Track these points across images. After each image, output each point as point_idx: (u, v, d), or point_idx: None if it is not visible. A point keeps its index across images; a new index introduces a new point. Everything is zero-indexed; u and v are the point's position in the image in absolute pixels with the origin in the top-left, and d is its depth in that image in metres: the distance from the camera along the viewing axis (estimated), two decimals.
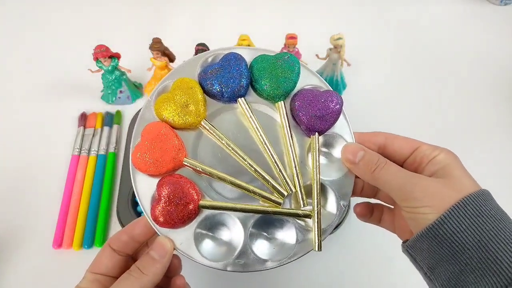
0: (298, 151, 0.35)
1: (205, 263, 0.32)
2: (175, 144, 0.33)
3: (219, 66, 0.35)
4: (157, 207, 0.32)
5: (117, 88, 0.62)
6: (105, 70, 0.59)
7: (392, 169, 0.31)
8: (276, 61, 0.35)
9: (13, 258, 0.51)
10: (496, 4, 0.79)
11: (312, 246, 0.33)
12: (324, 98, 0.35)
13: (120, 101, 0.63)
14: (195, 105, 0.34)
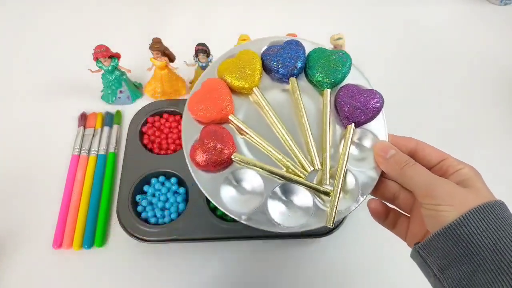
0: (332, 138, 0.38)
1: (224, 208, 0.35)
2: (226, 99, 0.37)
3: (281, 47, 0.40)
4: (197, 146, 0.36)
5: (117, 88, 0.62)
6: (105, 70, 0.59)
7: (420, 168, 0.33)
8: (331, 54, 0.40)
9: (13, 258, 0.51)
10: (496, 4, 0.79)
11: (325, 222, 0.35)
12: (367, 94, 0.38)
13: (120, 101, 0.63)
14: (251, 72, 0.38)
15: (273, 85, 0.40)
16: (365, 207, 0.56)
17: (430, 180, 0.32)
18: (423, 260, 0.31)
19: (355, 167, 0.37)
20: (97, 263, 0.51)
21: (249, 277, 0.50)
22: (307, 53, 0.40)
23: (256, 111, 0.39)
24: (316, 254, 0.52)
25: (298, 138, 0.38)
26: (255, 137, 0.37)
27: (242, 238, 0.51)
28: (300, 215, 0.36)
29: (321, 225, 0.35)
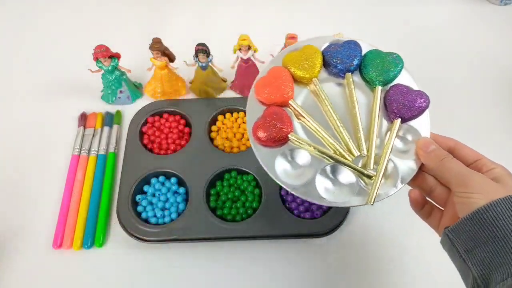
0: (378, 130, 0.42)
1: (277, 179, 0.40)
2: (288, 86, 0.43)
3: (341, 45, 0.45)
4: (259, 123, 0.41)
5: (117, 88, 0.62)
6: (105, 70, 0.59)
7: (457, 162, 0.37)
8: (386, 56, 0.44)
9: (13, 258, 0.51)
10: (496, 4, 0.79)
11: (366, 201, 0.40)
12: (415, 94, 0.42)
13: (120, 101, 0.63)
14: (312, 64, 0.43)
15: (330, 78, 0.45)
16: (367, 208, 0.56)
17: (465, 172, 0.36)
18: (451, 242, 0.34)
19: (397, 157, 0.41)
20: (97, 263, 0.51)
21: (249, 277, 0.50)
22: (363, 53, 0.45)
23: (312, 99, 0.44)
24: (316, 254, 0.52)
25: (348, 127, 0.42)
26: (310, 121, 0.42)
27: (242, 238, 0.51)
28: (344, 193, 0.40)
29: (361, 203, 0.39)
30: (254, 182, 0.54)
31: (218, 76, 0.63)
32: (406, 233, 0.53)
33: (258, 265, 0.51)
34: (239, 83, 0.64)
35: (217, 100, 0.63)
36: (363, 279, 0.50)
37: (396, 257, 0.52)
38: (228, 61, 0.61)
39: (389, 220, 0.54)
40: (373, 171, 0.40)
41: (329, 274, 0.50)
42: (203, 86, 0.62)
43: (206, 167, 0.55)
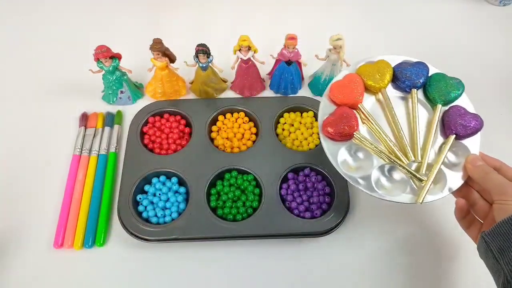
0: (434, 142, 0.48)
1: (340, 170, 0.47)
2: (359, 92, 0.50)
3: (412, 64, 0.52)
4: (330, 119, 0.48)
5: (118, 89, 0.62)
6: (106, 70, 0.59)
7: (499, 175, 0.43)
8: (449, 80, 0.51)
9: (14, 258, 0.51)
10: (495, 4, 0.80)
11: (415, 200, 0.45)
12: (472, 116, 0.49)
13: (121, 102, 0.64)
14: (382, 77, 0.51)
15: (395, 91, 0.52)
16: (367, 208, 0.56)
17: (505, 183, 0.41)
18: (487, 245, 0.38)
19: (447, 168, 0.47)
20: (98, 262, 0.51)
21: (249, 277, 0.50)
22: (430, 74, 0.52)
23: (377, 107, 0.51)
24: (315, 253, 0.52)
25: (405, 135, 0.48)
26: (374, 124, 0.49)
27: (242, 237, 0.51)
28: (395, 190, 0.47)
29: (411, 202, 0.46)
30: (254, 182, 0.55)
31: (218, 76, 0.63)
32: (406, 232, 0.54)
33: (258, 264, 0.51)
34: (239, 84, 0.64)
35: (217, 100, 0.63)
36: (363, 279, 0.51)
37: (397, 256, 0.52)
38: (228, 61, 0.61)
39: (389, 220, 0.54)
40: (424, 176, 0.46)
41: (329, 273, 0.51)
42: (203, 87, 0.62)
43: (207, 167, 0.55)
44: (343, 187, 0.53)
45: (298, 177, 0.55)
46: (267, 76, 0.67)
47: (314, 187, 0.54)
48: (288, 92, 0.64)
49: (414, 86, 0.51)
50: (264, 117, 0.60)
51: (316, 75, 0.65)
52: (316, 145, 0.59)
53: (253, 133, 0.60)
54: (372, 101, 0.52)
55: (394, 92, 0.52)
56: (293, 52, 0.59)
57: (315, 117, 0.61)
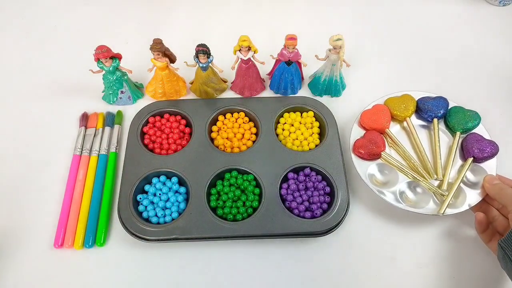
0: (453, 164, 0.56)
1: (368, 183, 0.53)
2: (386, 119, 0.58)
3: (433, 98, 0.60)
4: (360, 140, 0.56)
5: (118, 89, 0.62)
6: (106, 70, 0.60)
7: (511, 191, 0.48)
8: (467, 112, 0.59)
9: (14, 257, 0.51)
10: (495, 4, 0.80)
11: (437, 212, 0.51)
12: (488, 142, 0.56)
13: (121, 102, 0.64)
14: (406, 107, 0.59)
15: (419, 121, 0.61)
16: (367, 208, 0.56)
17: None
18: (504, 251, 0.42)
19: (467, 186, 0.53)
20: (99, 262, 0.51)
21: (249, 276, 0.50)
22: (450, 106, 0.60)
23: (403, 133, 0.60)
24: (316, 253, 0.52)
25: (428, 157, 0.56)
26: (399, 146, 0.57)
27: (242, 237, 0.51)
28: (419, 202, 0.52)
29: (433, 213, 0.51)
30: (255, 182, 0.55)
31: (218, 76, 0.63)
32: (406, 232, 0.54)
33: (258, 264, 0.51)
34: (239, 84, 0.64)
35: (217, 101, 0.63)
36: (363, 278, 0.51)
37: (397, 256, 0.52)
38: (228, 61, 0.61)
39: (389, 220, 0.54)
40: (445, 191, 0.53)
41: (329, 273, 0.51)
42: (203, 87, 0.62)
43: (207, 167, 0.55)
44: (343, 187, 0.53)
45: (298, 177, 0.55)
46: (267, 76, 0.67)
47: (314, 187, 0.54)
48: (288, 92, 0.64)
49: (435, 116, 0.59)
50: (264, 117, 0.60)
51: (316, 75, 0.65)
52: (316, 145, 0.59)
53: (253, 133, 0.60)
54: (398, 128, 0.60)
55: (418, 121, 0.60)
56: (293, 52, 0.59)
57: (315, 117, 0.62)
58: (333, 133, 0.58)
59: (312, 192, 0.54)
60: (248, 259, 0.52)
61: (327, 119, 0.60)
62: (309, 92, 0.67)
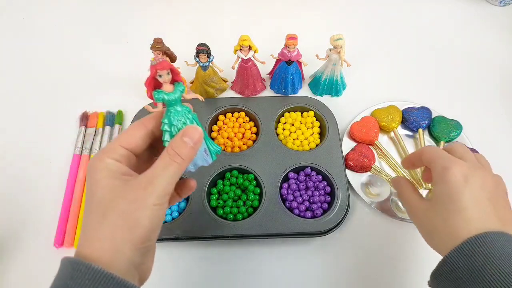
0: None
1: (362, 196, 0.55)
2: (375, 131, 0.60)
3: (417, 109, 0.62)
4: (351, 153, 0.58)
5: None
6: (171, 99, 0.34)
7: (407, 195, 0.43)
8: (449, 121, 0.61)
9: (14, 257, 0.51)
10: (495, 4, 0.80)
11: None
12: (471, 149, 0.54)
13: (198, 161, 0.39)
14: (393, 118, 0.61)
15: (404, 131, 0.62)
16: (367, 207, 0.56)
17: None
18: None
19: None
20: None
21: (249, 276, 0.50)
22: (433, 116, 0.62)
23: (391, 144, 0.61)
24: (316, 253, 0.52)
25: None
26: (389, 157, 0.59)
27: (242, 237, 0.51)
28: None
29: None
30: (255, 181, 0.55)
31: (218, 76, 0.63)
32: (406, 232, 0.54)
33: (258, 263, 0.51)
34: (239, 83, 0.64)
35: (218, 100, 0.63)
36: (364, 278, 0.51)
37: (395, 255, 0.52)
38: (229, 61, 0.61)
39: (389, 220, 0.54)
40: None
41: (330, 273, 0.51)
42: (204, 86, 0.62)
43: (207, 166, 0.55)
44: (343, 187, 0.53)
45: (298, 177, 0.55)
46: (268, 76, 0.67)
47: (314, 186, 0.54)
48: (288, 92, 0.64)
49: (419, 126, 0.60)
50: (265, 116, 0.60)
51: (316, 75, 0.65)
52: (316, 144, 0.59)
53: (254, 133, 0.60)
54: (386, 139, 0.61)
55: (404, 131, 0.62)
56: (293, 52, 0.59)
57: (315, 117, 0.62)
58: (334, 133, 0.58)
59: (312, 192, 0.54)
60: (248, 258, 0.52)
61: (327, 119, 0.60)
62: (310, 92, 0.67)
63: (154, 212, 0.30)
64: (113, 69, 0.69)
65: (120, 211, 0.29)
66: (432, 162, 0.39)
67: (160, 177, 0.30)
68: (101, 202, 0.30)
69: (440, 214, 0.37)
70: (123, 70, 0.68)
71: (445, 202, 0.36)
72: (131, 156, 0.33)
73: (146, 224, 0.30)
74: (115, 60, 0.70)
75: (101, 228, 0.29)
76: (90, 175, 0.31)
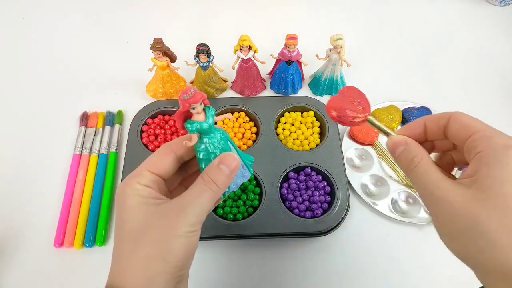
0: None
1: (362, 196, 0.55)
2: (375, 131, 0.58)
3: (417, 109, 0.62)
4: (337, 97, 0.33)
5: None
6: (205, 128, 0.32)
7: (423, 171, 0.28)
8: None
9: (14, 257, 0.51)
10: (496, 4, 0.80)
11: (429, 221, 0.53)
12: None
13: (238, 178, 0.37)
14: (393, 118, 0.61)
15: None
16: (367, 207, 0.56)
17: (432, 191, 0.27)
18: None
19: None
20: (98, 262, 0.51)
21: (249, 276, 0.50)
22: None
23: None
24: (316, 253, 0.52)
25: None
26: (389, 157, 0.58)
27: (242, 237, 0.51)
28: (410, 212, 0.54)
29: (424, 222, 0.53)
30: (255, 181, 0.55)
31: (218, 76, 0.63)
32: (406, 232, 0.54)
33: (259, 263, 0.51)
34: (239, 83, 0.64)
35: (218, 100, 0.63)
36: (364, 278, 0.51)
37: (397, 256, 0.52)
38: (229, 61, 0.61)
39: (389, 220, 0.54)
40: None
41: (330, 273, 0.51)
42: (204, 86, 0.62)
43: None
44: (343, 187, 0.53)
45: (298, 177, 0.55)
46: (268, 76, 0.67)
47: (314, 186, 0.54)
48: (288, 92, 0.64)
49: None
50: (265, 116, 0.60)
51: (316, 74, 0.65)
52: (316, 144, 0.59)
53: (254, 133, 0.60)
54: (386, 139, 0.54)
55: None
56: (293, 52, 0.59)
57: (315, 117, 0.61)
58: (334, 133, 0.58)
59: (312, 192, 0.54)
60: (248, 259, 0.51)
61: (327, 118, 0.60)
62: (310, 92, 0.67)
63: (188, 240, 0.29)
64: (113, 69, 0.69)
65: (153, 240, 0.28)
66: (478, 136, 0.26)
67: (194, 204, 0.29)
68: (132, 229, 0.29)
69: (497, 213, 0.24)
70: (123, 70, 0.69)
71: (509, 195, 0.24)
72: (160, 181, 0.32)
73: (180, 254, 0.28)
74: (115, 60, 0.70)
75: (133, 258, 0.28)
76: (119, 202, 0.30)
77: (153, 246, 0.28)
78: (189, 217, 0.29)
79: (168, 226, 0.28)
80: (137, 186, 0.30)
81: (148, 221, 0.29)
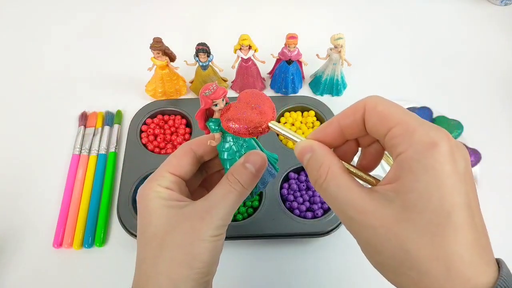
0: None
1: None
2: None
3: (417, 109, 0.61)
4: (232, 106, 0.29)
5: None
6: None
7: (333, 187, 0.23)
8: (450, 121, 0.59)
9: (13, 258, 0.51)
10: (496, 4, 0.79)
11: None
12: (471, 150, 0.57)
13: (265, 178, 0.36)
14: None
15: None
16: None
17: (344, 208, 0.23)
18: None
19: None
20: (98, 262, 0.51)
21: (249, 277, 0.50)
22: (434, 116, 0.61)
23: None
24: (317, 254, 0.52)
25: None
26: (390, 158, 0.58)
27: (242, 237, 0.51)
28: None
29: None
30: None
31: (218, 75, 0.63)
32: None
33: (258, 264, 0.51)
34: (239, 83, 0.64)
35: None
36: (364, 278, 0.50)
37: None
38: (229, 61, 0.61)
39: None
40: None
41: (330, 273, 0.50)
42: (203, 86, 0.62)
43: None
44: None
45: (299, 177, 0.55)
46: (268, 75, 0.67)
47: None
48: (288, 92, 0.64)
49: None
50: None
51: (317, 74, 0.65)
52: None
53: None
54: None
55: None
56: (293, 51, 0.59)
57: (316, 117, 0.61)
58: None
59: (313, 192, 0.54)
60: (248, 259, 0.51)
61: (328, 118, 0.60)
62: (310, 92, 0.66)
63: (213, 244, 0.28)
64: (112, 69, 0.69)
65: (177, 244, 0.27)
66: (398, 131, 0.21)
67: (219, 206, 0.28)
68: (156, 234, 0.28)
69: (426, 237, 0.20)
70: (122, 69, 0.68)
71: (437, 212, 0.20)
72: (181, 182, 0.31)
73: (205, 258, 0.27)
74: (114, 59, 0.70)
75: (157, 263, 0.27)
76: (141, 205, 0.29)
77: (178, 251, 0.27)
78: (214, 220, 0.28)
79: (192, 230, 0.27)
80: (158, 188, 0.29)
81: (172, 224, 0.28)
